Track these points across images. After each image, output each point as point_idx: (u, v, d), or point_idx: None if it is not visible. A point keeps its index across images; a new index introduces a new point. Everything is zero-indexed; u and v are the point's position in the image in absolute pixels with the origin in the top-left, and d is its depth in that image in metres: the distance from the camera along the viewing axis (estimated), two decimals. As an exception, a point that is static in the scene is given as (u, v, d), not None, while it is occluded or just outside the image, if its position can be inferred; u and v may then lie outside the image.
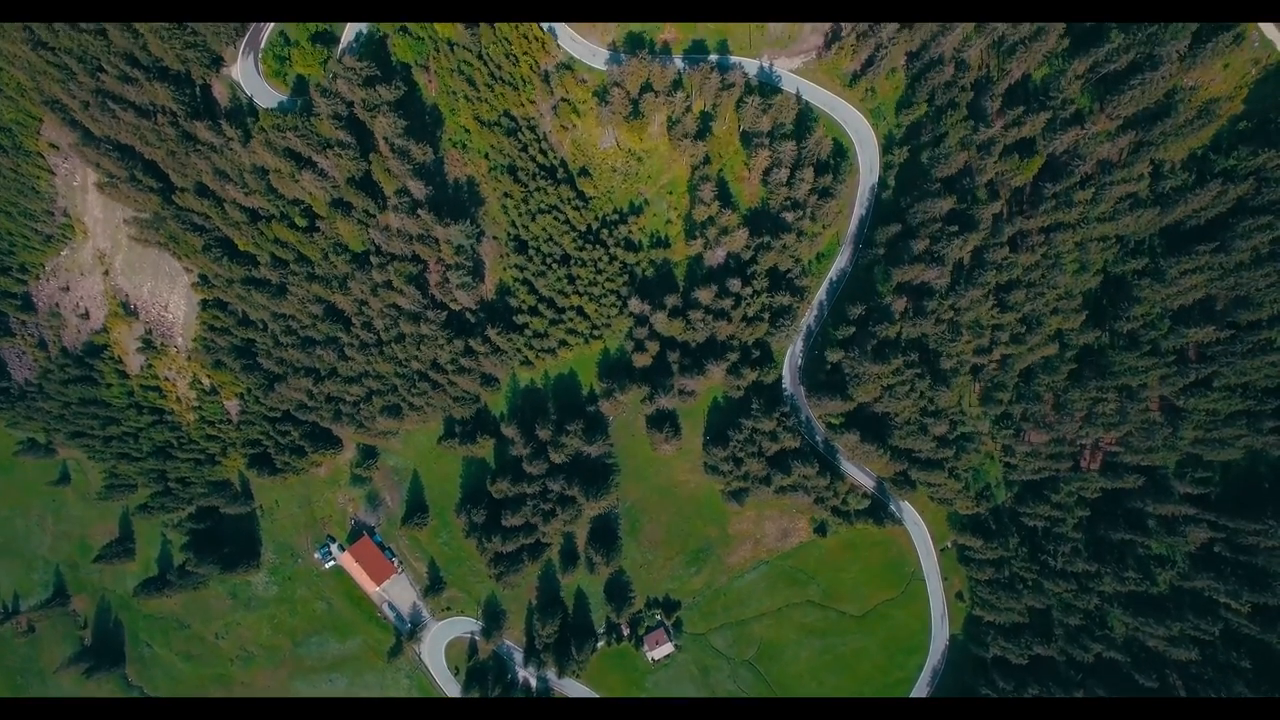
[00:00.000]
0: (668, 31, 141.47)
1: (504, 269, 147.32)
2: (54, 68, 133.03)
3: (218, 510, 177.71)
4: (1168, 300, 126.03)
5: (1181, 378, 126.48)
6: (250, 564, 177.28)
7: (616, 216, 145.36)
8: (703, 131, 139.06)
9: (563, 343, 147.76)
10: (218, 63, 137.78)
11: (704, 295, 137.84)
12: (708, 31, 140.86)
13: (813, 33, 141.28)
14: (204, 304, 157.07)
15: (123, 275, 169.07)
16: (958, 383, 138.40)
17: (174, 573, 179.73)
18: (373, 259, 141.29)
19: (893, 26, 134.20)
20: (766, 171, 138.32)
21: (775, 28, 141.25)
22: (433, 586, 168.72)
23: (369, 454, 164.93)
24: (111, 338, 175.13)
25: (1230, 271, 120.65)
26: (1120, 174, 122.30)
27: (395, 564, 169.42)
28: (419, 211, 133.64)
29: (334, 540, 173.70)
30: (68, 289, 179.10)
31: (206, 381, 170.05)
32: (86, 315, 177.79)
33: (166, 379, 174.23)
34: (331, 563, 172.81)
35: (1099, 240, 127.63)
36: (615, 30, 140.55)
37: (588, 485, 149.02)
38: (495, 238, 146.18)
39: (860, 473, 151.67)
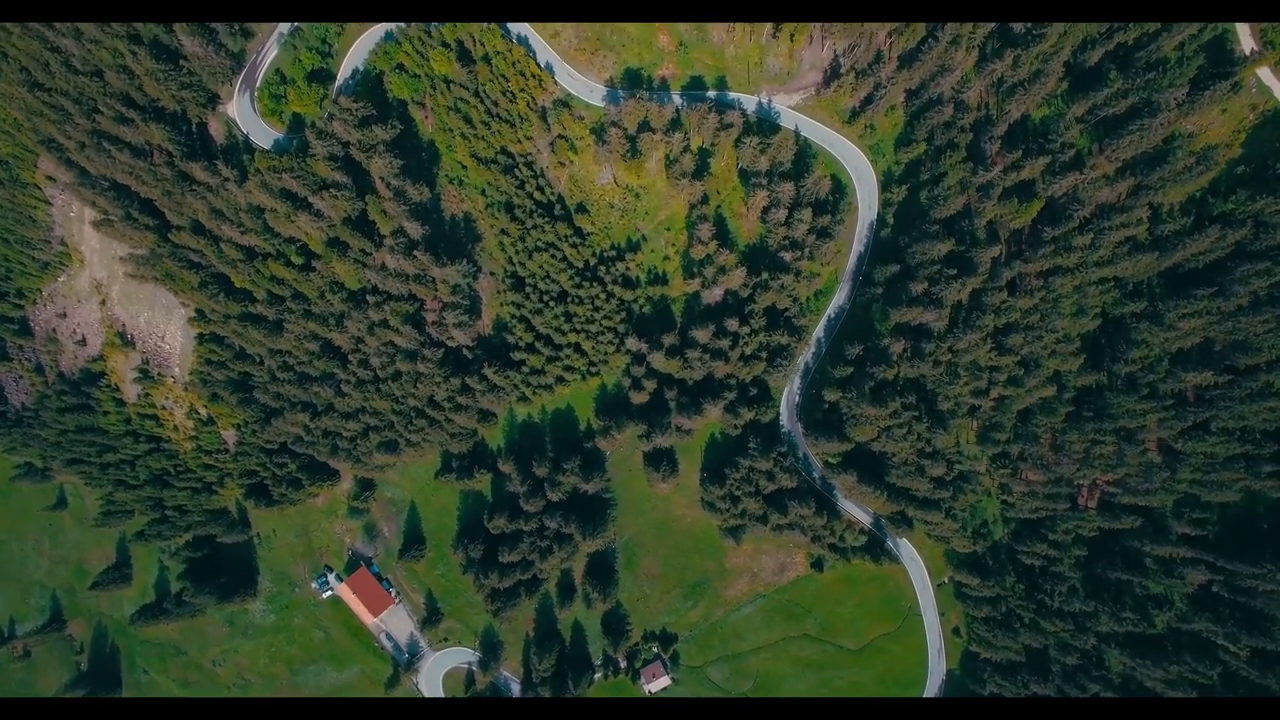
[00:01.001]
0: (665, 68, 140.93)
1: (501, 305, 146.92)
2: (50, 109, 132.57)
3: (215, 538, 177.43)
4: (1166, 343, 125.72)
5: (1180, 421, 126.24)
6: (247, 592, 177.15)
7: (614, 253, 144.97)
8: (701, 170, 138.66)
9: (560, 379, 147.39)
10: (214, 101, 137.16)
11: (701, 335, 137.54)
12: (705, 68, 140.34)
13: (811, 70, 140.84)
14: (200, 338, 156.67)
15: (120, 305, 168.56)
16: (955, 424, 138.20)
17: (171, 601, 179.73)
18: (369, 298, 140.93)
19: (892, 66, 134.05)
20: (765, 210, 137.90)
21: (773, 63, 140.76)
22: (430, 617, 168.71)
23: (366, 486, 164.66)
24: (108, 366, 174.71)
25: (1229, 316, 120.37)
26: (1119, 219, 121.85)
27: (393, 595, 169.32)
28: (415, 252, 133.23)
29: (331, 570, 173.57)
30: (65, 315, 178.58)
31: (204, 412, 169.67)
32: (84, 342, 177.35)
33: (164, 408, 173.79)
34: (329, 593, 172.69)
35: (1098, 283, 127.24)
36: (613, 67, 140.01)
37: (584, 522, 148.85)
38: (492, 274, 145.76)
39: (858, 509, 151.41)
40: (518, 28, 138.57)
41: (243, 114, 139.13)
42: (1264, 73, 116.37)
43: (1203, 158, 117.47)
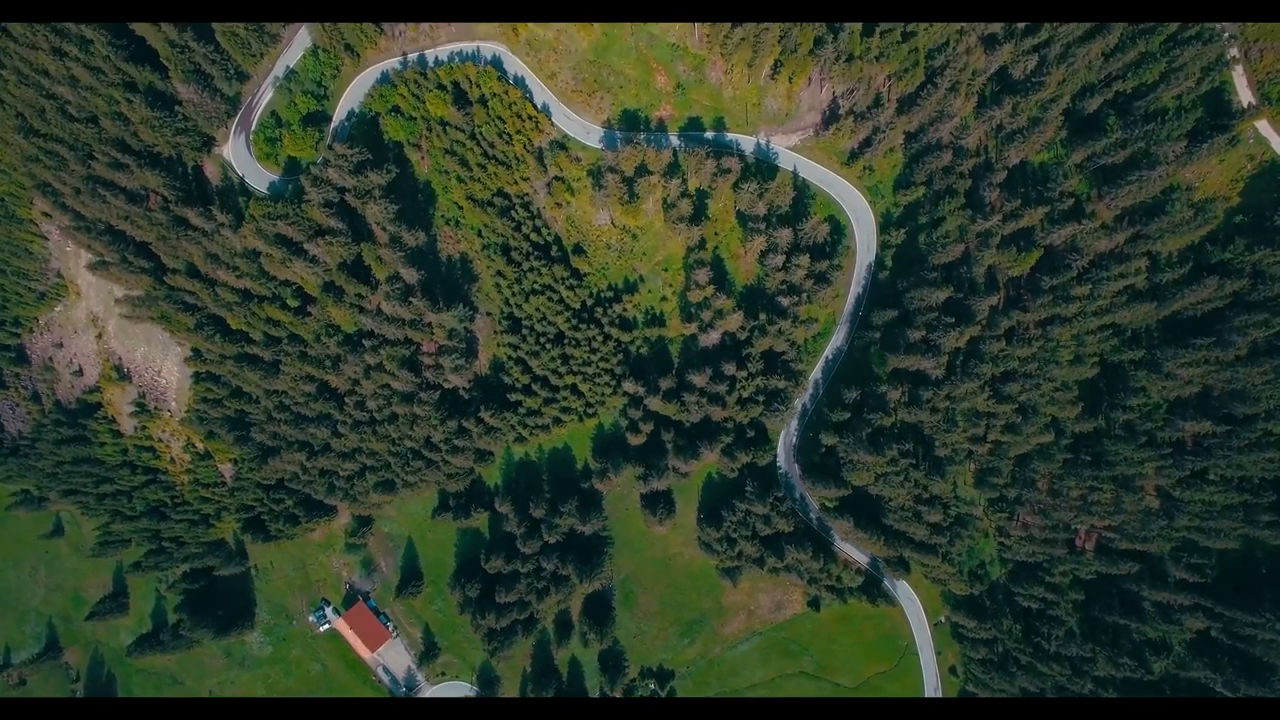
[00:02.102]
0: (663, 108, 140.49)
1: (498, 346, 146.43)
2: (45, 155, 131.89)
3: (212, 570, 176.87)
4: (1165, 391, 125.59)
5: (1178, 469, 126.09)
6: (244, 624, 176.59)
7: (611, 294, 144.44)
8: (698, 214, 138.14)
9: (556, 420, 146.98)
10: (209, 144, 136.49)
11: (698, 379, 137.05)
12: (703, 109, 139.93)
13: (809, 110, 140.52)
14: (197, 376, 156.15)
15: (116, 339, 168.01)
16: (952, 471, 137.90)
17: (168, 633, 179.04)
18: (365, 341, 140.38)
19: (891, 109, 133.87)
20: (762, 254, 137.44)
21: (772, 104, 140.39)
22: (427, 652, 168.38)
23: (363, 522, 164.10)
24: (105, 398, 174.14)
25: (1227, 365, 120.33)
26: (1118, 268, 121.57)
27: (390, 629, 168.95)
28: (411, 298, 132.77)
29: (328, 603, 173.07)
30: (61, 345, 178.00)
31: (200, 446, 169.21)
32: (80, 372, 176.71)
33: (160, 441, 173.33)
34: (326, 626, 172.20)
35: (1096, 331, 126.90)
36: (610, 108, 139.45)
37: (582, 563, 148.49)
38: (489, 314, 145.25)
39: (855, 549, 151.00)
40: (514, 68, 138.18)
41: (238, 156, 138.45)
42: (1262, 125, 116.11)
43: (1201, 209, 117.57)
